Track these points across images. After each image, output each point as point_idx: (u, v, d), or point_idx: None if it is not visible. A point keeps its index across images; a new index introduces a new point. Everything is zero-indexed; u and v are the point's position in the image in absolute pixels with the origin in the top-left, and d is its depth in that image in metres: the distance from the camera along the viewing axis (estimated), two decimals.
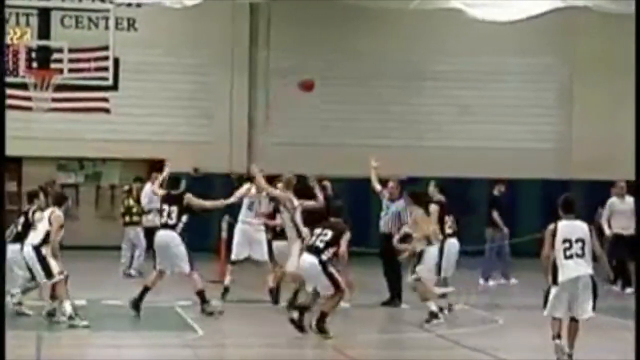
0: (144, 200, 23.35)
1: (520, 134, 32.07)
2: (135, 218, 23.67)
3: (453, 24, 30.83)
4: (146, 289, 16.94)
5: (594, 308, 12.53)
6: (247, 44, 32.06)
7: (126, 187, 25.03)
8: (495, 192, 24.93)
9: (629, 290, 22.12)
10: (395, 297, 19.09)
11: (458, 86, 31.89)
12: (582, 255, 12.34)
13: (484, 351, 14.34)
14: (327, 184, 20.55)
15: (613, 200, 23.52)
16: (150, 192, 21.14)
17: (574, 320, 12.48)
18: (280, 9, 31.30)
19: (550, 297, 12.37)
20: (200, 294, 17.12)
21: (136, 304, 16.83)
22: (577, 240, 12.42)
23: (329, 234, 14.97)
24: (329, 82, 31.57)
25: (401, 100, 31.93)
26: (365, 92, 31.65)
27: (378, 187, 19.88)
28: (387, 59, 31.81)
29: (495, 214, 24.41)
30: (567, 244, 12.36)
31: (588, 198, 29.14)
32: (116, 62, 27.65)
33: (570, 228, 12.52)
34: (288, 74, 31.40)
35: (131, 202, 24.07)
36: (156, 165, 30.33)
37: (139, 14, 30.57)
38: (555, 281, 12.34)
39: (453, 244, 17.93)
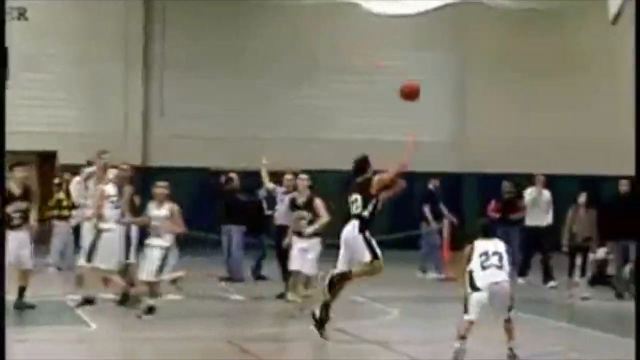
0: (73, 194, 22.60)
1: (415, 128, 31.87)
2: (64, 212, 22.99)
3: (349, 18, 30.65)
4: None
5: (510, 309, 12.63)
6: (141, 37, 31.58)
7: (57, 180, 24.40)
8: (430, 186, 24.97)
9: (552, 283, 22.26)
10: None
11: (353, 80, 31.66)
12: (500, 267, 12.55)
13: (382, 344, 14.24)
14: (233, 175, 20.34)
15: (532, 193, 23.52)
16: (80, 186, 20.12)
17: (507, 321, 12.58)
18: (175, 2, 30.84)
19: (471, 301, 12.43)
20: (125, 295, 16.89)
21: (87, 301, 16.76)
22: (494, 253, 12.62)
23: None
24: (222, 76, 31.21)
25: (295, 94, 31.67)
26: (259, 85, 31.28)
27: (270, 185, 20.44)
28: (281, 53, 31.55)
29: (427, 209, 24.25)
30: (484, 257, 12.57)
31: (481, 191, 29.28)
32: (5, 52, 26.84)
33: (488, 243, 12.77)
34: (182, 67, 31.04)
35: (61, 195, 23.42)
36: (47, 158, 30.10)
37: (30, 3, 29.86)
38: (473, 287, 12.45)
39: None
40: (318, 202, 17.54)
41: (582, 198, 21.47)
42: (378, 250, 13.97)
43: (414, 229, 25.43)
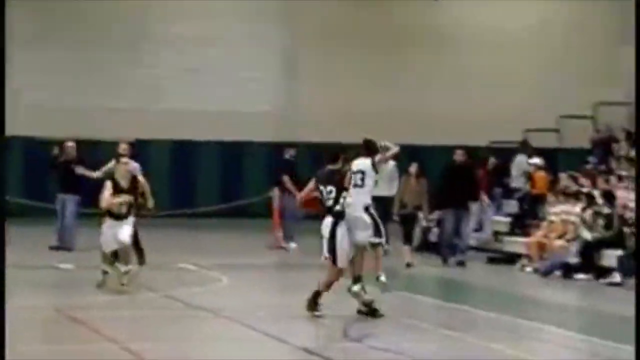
0: None
1: (247, 98, 31.66)
2: None
3: None
4: None
5: None
6: None
7: None
8: (287, 155, 24.54)
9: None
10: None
11: (185, 50, 31.19)
12: None
13: (211, 311, 14.07)
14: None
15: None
16: None
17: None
18: None
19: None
20: None
21: None
22: None
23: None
24: (57, 47, 30.44)
25: (130, 65, 31.00)
26: (92, 57, 30.54)
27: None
28: (114, 25, 30.85)
29: (286, 178, 23.87)
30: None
31: (312, 160, 29.11)
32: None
33: None
34: (18, 39, 30.15)
35: None
36: None
37: None
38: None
39: None
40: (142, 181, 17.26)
41: (413, 168, 21.47)
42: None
43: (244, 199, 25.19)
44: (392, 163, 19.63)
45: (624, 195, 19.90)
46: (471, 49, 31.96)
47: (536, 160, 24.37)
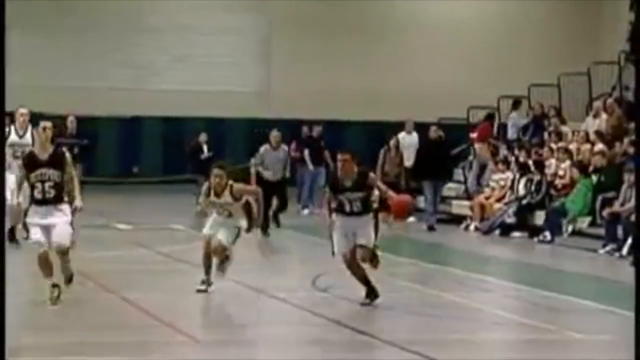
0: None
1: (228, 79, 31.61)
2: None
3: None
4: None
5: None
6: None
7: None
8: (314, 133, 24.17)
9: None
10: None
11: (173, 37, 31.08)
12: None
13: (196, 264, 13.93)
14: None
15: (403, 135, 23.03)
16: None
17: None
18: None
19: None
20: None
21: None
22: None
23: None
24: (56, 30, 30.23)
25: (123, 48, 30.83)
26: (92, 40, 30.38)
27: None
28: (108, 11, 30.64)
29: (306, 152, 23.62)
30: None
31: (285, 134, 29.11)
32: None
33: None
34: (18, 21, 29.96)
35: None
36: None
37: None
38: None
39: None
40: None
41: (393, 141, 21.44)
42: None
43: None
44: (285, 148, 19.79)
45: (554, 165, 20.16)
46: (423, 34, 32.10)
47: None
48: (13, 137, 15.17)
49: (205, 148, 23.47)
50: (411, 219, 19.84)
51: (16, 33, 29.51)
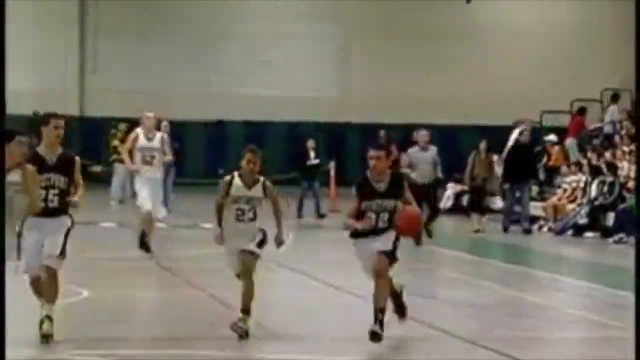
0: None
1: (308, 85, 31.73)
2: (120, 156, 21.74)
3: None
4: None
5: None
6: (77, 6, 30.84)
7: (112, 130, 24.67)
8: (381, 135, 23.69)
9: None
10: None
11: (257, 44, 31.28)
12: None
13: (275, 261, 13.96)
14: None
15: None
16: None
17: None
18: None
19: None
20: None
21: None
22: None
23: None
24: (148, 40, 30.58)
25: (210, 56, 31.15)
26: (181, 48, 30.73)
27: None
28: (197, 21, 30.98)
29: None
30: None
31: (361, 138, 29.26)
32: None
33: None
34: (114, 29, 30.42)
35: (116, 142, 23.51)
36: None
37: None
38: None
39: None
40: None
41: (482, 145, 21.01)
42: None
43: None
44: (433, 148, 18.00)
45: (627, 167, 19.85)
46: (498, 40, 31.89)
47: (552, 137, 24.26)
48: (142, 141, 14.42)
49: (312, 154, 23.22)
50: (485, 218, 19.72)
51: (113, 41, 30.14)
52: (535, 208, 21.80)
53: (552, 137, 24.09)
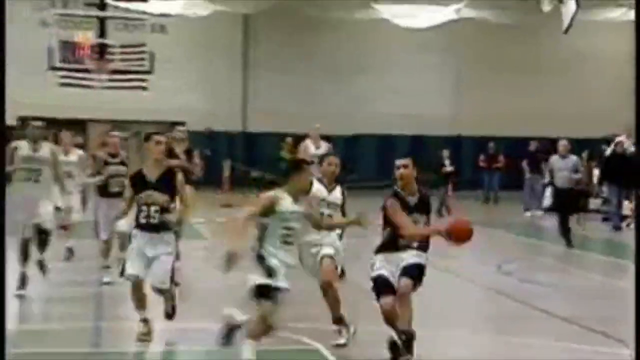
0: None
1: (427, 104, 31.77)
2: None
3: (382, 29, 30.49)
4: None
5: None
6: (240, 44, 31.61)
7: (282, 144, 24.30)
8: (531, 147, 23.52)
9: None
10: None
11: (389, 71, 31.36)
12: None
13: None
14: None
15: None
16: None
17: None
18: (266, 19, 30.72)
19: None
20: None
21: None
22: None
23: None
24: (298, 72, 31.08)
25: (350, 81, 31.39)
26: (323, 79, 31.07)
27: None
28: (337, 54, 31.37)
29: (525, 162, 22.85)
30: None
31: (475, 149, 29.07)
32: (152, 55, 26.91)
33: None
34: (270, 58, 31.04)
35: (284, 153, 22.97)
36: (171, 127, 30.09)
37: (168, 21, 29.84)
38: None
39: None
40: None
41: (585, 154, 20.39)
42: None
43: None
44: (573, 157, 16.78)
45: None
46: (589, 65, 31.41)
47: None
48: (311, 150, 13.90)
49: (447, 162, 22.90)
50: (585, 217, 19.19)
51: (269, 68, 30.83)
52: (625, 208, 21.20)
53: None
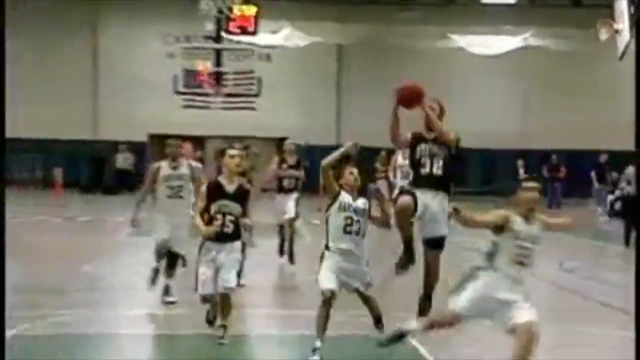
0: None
1: (496, 120, 31.91)
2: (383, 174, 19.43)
3: (456, 57, 30.76)
4: None
5: None
6: (335, 69, 32.31)
7: (376, 157, 22.89)
8: (601, 159, 23.25)
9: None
10: None
11: (465, 96, 31.01)
12: None
13: None
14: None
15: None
16: None
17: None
18: (357, 49, 31.37)
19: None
20: None
21: None
22: None
23: None
24: (385, 90, 31.52)
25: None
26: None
27: None
28: (420, 80, 31.13)
29: (593, 173, 22.65)
30: None
31: (538, 160, 29.13)
32: (259, 80, 27.89)
33: None
34: (362, 90, 31.62)
35: (378, 164, 21.81)
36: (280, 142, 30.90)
37: (273, 51, 30.72)
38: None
39: None
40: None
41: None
42: None
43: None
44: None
45: None
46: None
47: None
48: (400, 161, 13.73)
49: (521, 171, 23.07)
50: None
51: (359, 91, 31.45)
52: None
53: None
